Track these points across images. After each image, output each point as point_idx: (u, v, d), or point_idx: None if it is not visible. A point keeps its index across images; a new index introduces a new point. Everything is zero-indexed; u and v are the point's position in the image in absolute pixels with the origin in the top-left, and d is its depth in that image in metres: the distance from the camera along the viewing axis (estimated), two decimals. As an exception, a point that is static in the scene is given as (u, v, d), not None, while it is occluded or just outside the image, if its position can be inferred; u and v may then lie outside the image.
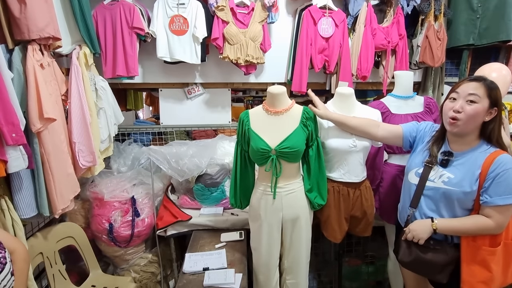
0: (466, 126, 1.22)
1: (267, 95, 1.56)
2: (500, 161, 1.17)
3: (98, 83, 1.98)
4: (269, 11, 2.22)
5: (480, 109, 1.19)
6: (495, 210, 1.17)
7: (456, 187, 1.23)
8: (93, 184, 2.11)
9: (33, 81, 1.41)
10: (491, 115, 1.21)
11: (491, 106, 1.20)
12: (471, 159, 1.23)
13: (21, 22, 1.39)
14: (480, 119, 1.21)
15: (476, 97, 1.18)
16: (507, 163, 1.16)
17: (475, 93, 1.18)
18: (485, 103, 1.19)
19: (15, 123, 1.26)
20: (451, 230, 1.25)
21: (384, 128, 1.53)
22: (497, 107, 1.21)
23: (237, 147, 1.62)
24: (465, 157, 1.25)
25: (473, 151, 1.24)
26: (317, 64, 2.30)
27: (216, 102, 2.57)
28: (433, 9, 2.34)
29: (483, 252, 1.22)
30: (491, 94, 1.19)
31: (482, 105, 1.19)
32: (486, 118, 1.21)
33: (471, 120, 1.21)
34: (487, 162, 1.18)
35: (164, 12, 2.15)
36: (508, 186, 1.16)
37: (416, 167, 1.36)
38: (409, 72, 1.83)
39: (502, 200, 1.16)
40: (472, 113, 1.19)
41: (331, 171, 1.66)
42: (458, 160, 1.26)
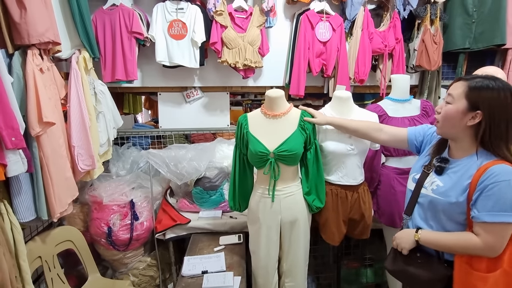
0: (444, 129, 1.11)
1: (265, 99, 1.57)
2: (492, 172, 0.99)
3: (97, 87, 1.99)
4: (267, 15, 2.24)
5: (452, 111, 1.05)
6: (482, 228, 1.01)
7: (442, 196, 1.10)
8: (92, 187, 2.11)
9: (32, 86, 1.42)
10: (474, 120, 1.02)
11: (470, 108, 1.02)
12: (465, 167, 1.07)
13: (21, 27, 1.40)
14: (456, 123, 1.06)
15: (450, 98, 1.07)
16: (499, 175, 0.98)
17: (450, 93, 1.07)
18: (460, 104, 1.03)
19: (14, 127, 1.27)
20: (434, 243, 1.12)
21: (387, 132, 1.45)
22: (482, 110, 1.01)
23: (236, 150, 1.63)
24: (460, 165, 1.09)
25: (469, 159, 1.07)
26: (315, 68, 2.32)
27: (215, 106, 2.58)
28: (429, 14, 2.37)
29: (473, 276, 1.04)
30: (471, 95, 1.02)
31: (455, 106, 1.04)
32: (468, 122, 1.04)
33: (446, 122, 1.08)
34: (479, 172, 1.02)
35: (163, 17, 2.17)
36: (498, 202, 0.98)
37: (415, 172, 1.26)
38: (405, 76, 1.85)
39: (490, 216, 0.99)
40: (443, 114, 1.08)
41: (329, 174, 1.67)
42: (452, 168, 1.11)
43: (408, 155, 1.80)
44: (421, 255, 1.16)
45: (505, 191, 0.97)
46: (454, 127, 1.07)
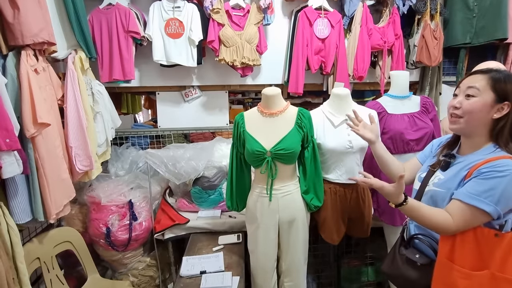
0: (468, 123, 1.04)
1: (262, 97, 1.56)
2: (495, 163, 0.96)
3: (95, 87, 1.98)
4: (265, 13, 2.22)
5: (479, 104, 1.01)
6: (457, 207, 0.99)
7: (441, 187, 1.07)
8: (91, 188, 2.10)
9: (26, 87, 1.41)
10: (501, 112, 0.99)
11: (498, 100, 0.99)
12: (468, 161, 1.04)
13: (14, 27, 1.39)
14: (483, 116, 1.01)
15: (474, 90, 1.01)
16: (502, 166, 0.95)
17: (473, 86, 1.02)
18: (487, 96, 1.00)
19: (8, 129, 1.26)
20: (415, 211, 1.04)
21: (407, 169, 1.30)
22: (510, 100, 0.99)
23: (233, 149, 1.62)
24: (466, 159, 1.06)
25: (476, 154, 1.04)
26: (314, 65, 2.30)
27: (214, 105, 2.57)
28: (429, 9, 2.34)
29: (455, 273, 0.99)
30: (496, 86, 0.99)
31: (482, 98, 1.00)
32: (495, 115, 1.00)
33: (470, 117, 1.03)
34: (480, 163, 0.99)
35: (159, 16, 2.15)
36: (485, 187, 0.96)
37: (421, 171, 1.22)
38: (404, 72, 1.83)
39: (467, 197, 0.97)
40: (468, 108, 1.02)
41: (328, 172, 1.65)
42: (457, 164, 1.07)
43: (408, 152, 1.77)
44: (420, 257, 1.12)
45: (501, 182, 0.94)
46: (477, 121, 1.03)
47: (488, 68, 1.04)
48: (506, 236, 0.96)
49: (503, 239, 0.96)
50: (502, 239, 0.96)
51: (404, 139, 1.72)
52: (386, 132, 1.76)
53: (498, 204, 0.95)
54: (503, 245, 0.96)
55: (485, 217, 0.97)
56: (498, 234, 0.96)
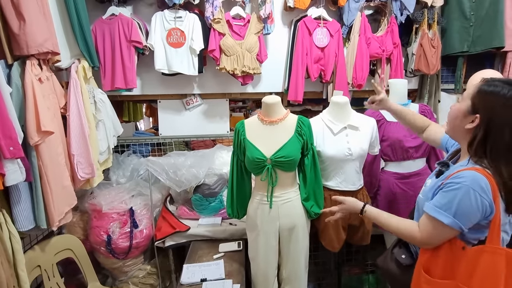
0: (449, 128, 1.07)
1: (262, 105, 1.58)
2: (460, 173, 0.95)
3: (97, 95, 2.01)
4: (265, 22, 2.26)
5: (456, 110, 1.01)
6: (423, 218, 1.02)
7: (423, 195, 1.10)
8: (92, 195, 2.11)
9: (31, 95, 1.43)
10: (473, 123, 0.96)
11: (471, 111, 0.96)
12: (450, 171, 1.04)
13: (20, 38, 1.42)
14: (458, 123, 1.01)
15: (462, 96, 1.02)
16: (463, 177, 0.93)
17: (463, 93, 1.03)
18: (464, 105, 0.98)
19: (12, 137, 1.28)
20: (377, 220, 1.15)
21: (429, 128, 1.37)
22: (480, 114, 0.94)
23: (233, 157, 1.63)
24: (452, 169, 1.04)
25: (457, 164, 1.05)
26: (313, 74, 2.33)
27: (215, 113, 2.59)
28: (426, 18, 2.38)
29: (421, 278, 1.02)
30: (475, 97, 0.96)
31: (460, 106, 1.00)
32: (467, 125, 0.98)
33: (450, 122, 1.05)
34: (451, 174, 0.99)
35: (161, 26, 2.19)
36: (445, 200, 0.96)
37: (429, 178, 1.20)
38: (403, 80, 1.85)
39: (431, 209, 0.98)
40: (450, 112, 1.04)
41: (328, 179, 1.66)
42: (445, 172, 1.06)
43: (407, 160, 1.79)
44: (406, 258, 1.18)
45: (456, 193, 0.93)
46: (456, 128, 1.02)
47: (491, 78, 0.99)
48: (471, 250, 0.96)
49: (468, 253, 0.96)
50: (467, 252, 0.96)
51: (403, 146, 1.74)
52: (385, 139, 1.77)
53: (456, 216, 0.94)
54: (467, 258, 0.96)
55: (448, 229, 0.96)
56: (464, 247, 0.97)
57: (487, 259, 0.93)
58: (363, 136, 1.63)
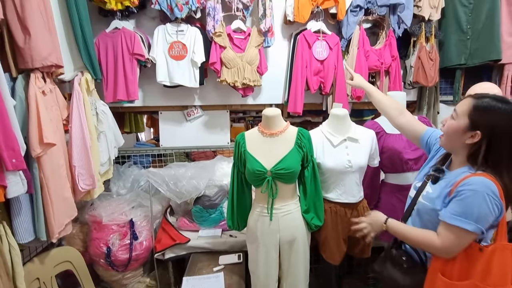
0: (445, 142, 1.15)
1: (262, 118, 1.60)
2: (468, 180, 1.03)
3: (99, 107, 2.03)
4: (265, 36, 2.30)
5: (453, 126, 1.08)
6: (443, 228, 1.06)
7: (428, 201, 1.15)
8: (92, 207, 2.11)
9: (34, 108, 1.45)
10: (473, 139, 1.04)
11: (471, 127, 1.04)
12: (452, 177, 1.11)
13: (25, 52, 1.45)
14: (457, 139, 1.08)
15: (455, 114, 1.10)
16: (473, 184, 1.01)
17: (456, 109, 1.10)
18: (462, 122, 1.06)
19: (15, 149, 1.29)
20: (398, 234, 1.19)
21: (407, 119, 1.47)
22: (481, 131, 1.02)
23: (234, 169, 1.64)
24: (451, 175, 1.13)
25: (459, 171, 1.11)
26: (313, 86, 2.35)
27: (215, 124, 2.61)
28: (424, 31, 2.42)
29: (439, 282, 1.07)
30: (473, 114, 1.04)
31: (458, 123, 1.07)
32: (467, 140, 1.06)
33: (447, 137, 1.12)
34: (459, 181, 1.05)
35: (163, 39, 2.23)
36: (463, 208, 1.02)
37: (418, 180, 1.29)
38: (401, 93, 1.87)
39: (451, 219, 1.03)
40: (446, 129, 1.12)
41: (328, 191, 1.67)
42: (444, 178, 1.15)
43: (407, 172, 1.79)
44: (407, 260, 1.21)
45: (473, 199, 1.01)
46: (454, 143, 1.11)
47: (479, 94, 1.09)
48: (487, 249, 1.04)
49: (485, 253, 1.04)
50: (484, 253, 1.04)
51: (403, 158, 1.75)
52: (384, 151, 1.78)
53: (477, 221, 1.01)
54: (484, 258, 1.04)
55: (470, 236, 1.03)
56: (482, 248, 1.04)
57: (499, 255, 1.03)
58: (362, 148, 1.65)
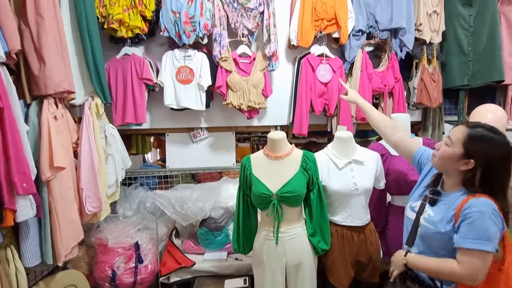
0: (439, 166, 1.21)
1: (267, 141, 1.62)
2: (471, 203, 1.09)
3: (108, 130, 2.08)
4: (270, 60, 2.36)
5: (448, 153, 1.15)
6: (462, 254, 1.09)
7: (431, 224, 1.19)
8: (98, 229, 2.12)
9: (46, 133, 1.50)
10: (467, 166, 1.12)
11: (465, 155, 1.12)
12: (452, 200, 1.16)
13: (39, 79, 1.51)
14: (451, 164, 1.16)
15: (448, 140, 1.16)
16: (477, 205, 1.08)
17: (449, 136, 1.17)
18: (456, 149, 1.13)
19: (26, 173, 1.33)
20: (420, 267, 1.20)
21: (400, 135, 1.53)
22: (475, 160, 1.10)
23: (240, 191, 1.65)
24: (449, 197, 1.18)
25: (457, 193, 1.17)
26: (317, 107, 2.38)
27: (221, 145, 2.63)
28: (425, 54, 2.46)
29: None
30: (467, 143, 1.11)
31: (452, 150, 1.14)
32: (461, 167, 1.13)
33: (441, 161, 1.19)
34: (462, 203, 1.11)
35: (171, 64, 2.30)
36: (477, 230, 1.06)
37: (413, 200, 1.35)
38: (405, 114, 1.89)
39: (469, 243, 1.07)
40: (439, 154, 1.19)
41: (334, 214, 1.66)
42: (443, 200, 1.20)
43: (414, 194, 1.78)
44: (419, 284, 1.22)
45: (481, 222, 1.06)
46: (448, 167, 1.18)
47: (472, 123, 1.17)
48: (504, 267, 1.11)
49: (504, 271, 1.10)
50: (503, 272, 1.10)
51: (408, 180, 1.74)
52: (390, 173, 1.78)
53: (492, 240, 1.06)
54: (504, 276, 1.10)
55: (490, 256, 1.07)
56: (500, 268, 1.10)
57: None
58: (368, 170, 1.65)
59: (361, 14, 2.37)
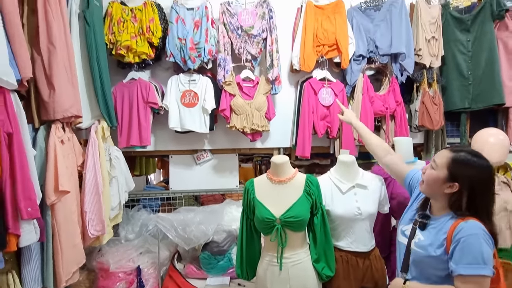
0: (425, 189, 1.23)
1: (271, 165, 1.63)
2: (461, 227, 1.10)
3: (113, 153, 2.10)
4: (273, 84, 2.41)
5: (433, 176, 1.17)
6: (460, 281, 1.08)
7: (422, 249, 1.19)
8: (100, 253, 2.10)
9: (52, 157, 1.53)
10: (451, 189, 1.14)
11: (449, 179, 1.14)
12: (441, 224, 1.18)
13: (48, 105, 1.55)
14: (436, 188, 1.18)
15: (434, 164, 1.19)
16: (468, 229, 1.09)
17: (435, 160, 1.20)
18: (441, 173, 1.16)
19: (32, 198, 1.34)
20: None
21: (392, 158, 1.56)
22: (459, 183, 1.12)
23: (243, 215, 1.64)
24: (438, 221, 1.20)
25: (445, 217, 1.18)
26: (320, 130, 2.41)
27: (224, 167, 2.64)
28: (426, 78, 2.50)
29: None
30: (451, 166, 1.14)
31: (437, 173, 1.17)
32: (446, 190, 1.16)
33: (427, 185, 1.21)
34: (452, 227, 1.12)
35: (177, 88, 2.35)
36: (472, 254, 1.07)
37: (403, 224, 1.34)
38: (407, 138, 1.91)
39: (465, 269, 1.07)
40: (425, 177, 1.21)
41: (338, 239, 1.64)
42: (432, 224, 1.21)
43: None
44: None
45: (475, 244, 1.07)
46: (434, 190, 1.20)
47: (456, 148, 1.22)
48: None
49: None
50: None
51: (413, 204, 1.73)
52: (394, 197, 1.77)
53: (488, 263, 1.06)
54: None
55: (488, 279, 1.08)
56: None
57: None
58: (371, 194, 1.64)
59: (361, 39, 2.44)
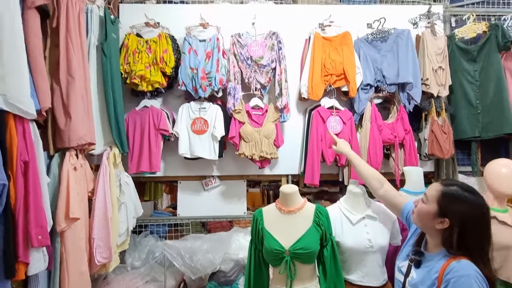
0: (418, 223, 1.21)
1: (279, 194, 1.62)
2: (453, 267, 1.06)
3: (123, 179, 2.13)
4: (281, 112, 2.45)
5: (423, 210, 1.15)
6: None
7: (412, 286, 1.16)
8: (106, 281, 2.07)
9: (65, 185, 1.55)
10: (442, 225, 1.10)
11: (439, 214, 1.11)
12: (434, 261, 1.13)
13: (64, 133, 1.60)
14: (427, 222, 1.15)
15: (425, 197, 1.17)
16: (460, 270, 1.05)
17: (426, 194, 1.17)
18: (431, 207, 1.13)
19: (43, 226, 1.35)
20: None
21: (387, 190, 1.51)
22: (450, 219, 1.09)
23: (251, 246, 1.62)
24: (431, 259, 1.15)
25: (438, 254, 1.14)
26: (329, 158, 2.41)
27: (232, 193, 2.64)
28: (434, 107, 2.50)
29: None
30: (441, 201, 1.11)
31: (427, 207, 1.14)
32: (437, 225, 1.12)
33: (418, 219, 1.19)
34: (443, 267, 1.08)
35: (187, 115, 2.41)
36: None
37: (400, 260, 1.30)
38: (418, 168, 1.89)
39: None
40: (416, 211, 1.19)
41: (349, 273, 1.59)
42: (425, 262, 1.17)
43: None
44: None
45: (465, 286, 1.02)
46: (425, 225, 1.17)
47: (447, 181, 1.18)
48: None
49: None
50: None
51: (425, 236, 1.68)
52: (405, 228, 1.73)
53: None
54: None
55: None
56: None
57: None
58: (383, 226, 1.61)
59: (368, 69, 2.49)
